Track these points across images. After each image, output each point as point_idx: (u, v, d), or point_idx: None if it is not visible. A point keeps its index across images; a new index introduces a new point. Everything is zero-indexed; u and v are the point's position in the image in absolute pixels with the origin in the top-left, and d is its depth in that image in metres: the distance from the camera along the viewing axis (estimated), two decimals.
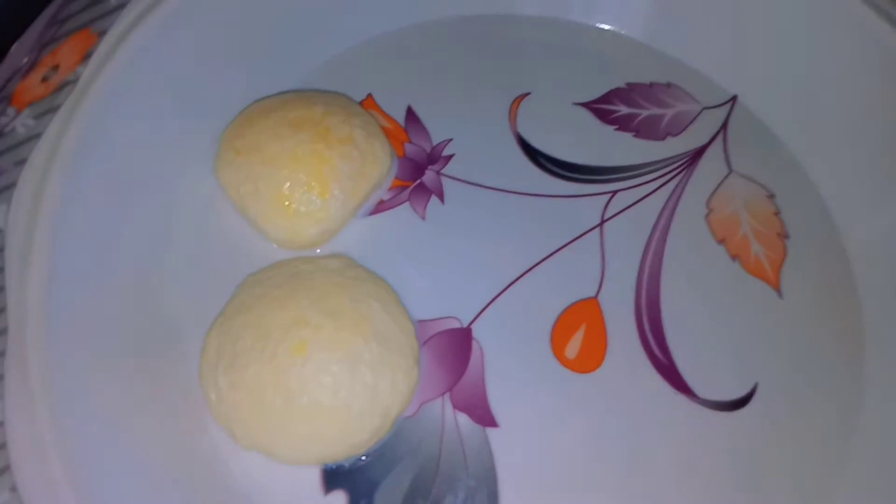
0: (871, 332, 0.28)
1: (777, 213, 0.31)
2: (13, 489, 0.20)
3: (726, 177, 0.32)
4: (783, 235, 0.31)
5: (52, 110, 0.25)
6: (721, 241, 0.30)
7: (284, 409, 0.23)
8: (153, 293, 0.26)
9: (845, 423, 0.27)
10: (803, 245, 0.30)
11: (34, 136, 0.24)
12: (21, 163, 0.24)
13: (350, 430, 0.24)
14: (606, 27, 0.36)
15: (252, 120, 0.28)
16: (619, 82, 0.34)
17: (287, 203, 0.27)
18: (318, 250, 0.29)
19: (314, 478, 0.25)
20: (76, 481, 0.21)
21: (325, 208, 0.27)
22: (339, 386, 0.23)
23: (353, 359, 0.24)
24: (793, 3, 0.32)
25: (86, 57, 0.26)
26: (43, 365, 0.21)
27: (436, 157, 0.32)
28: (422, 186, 0.31)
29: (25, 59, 0.25)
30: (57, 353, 0.22)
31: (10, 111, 0.24)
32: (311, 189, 0.27)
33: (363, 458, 0.25)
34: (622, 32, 0.35)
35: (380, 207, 0.30)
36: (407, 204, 0.31)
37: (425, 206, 0.31)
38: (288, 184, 0.27)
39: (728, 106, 0.34)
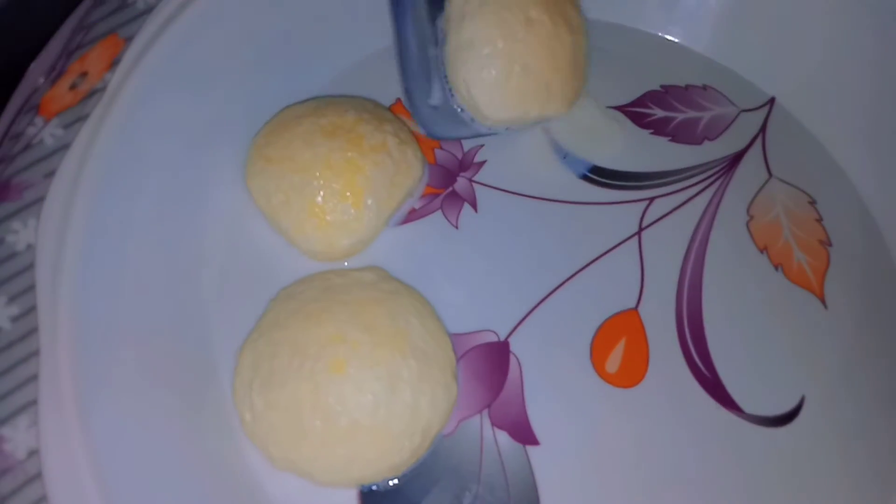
0: None
1: (819, 220, 0.30)
2: None
3: (766, 182, 0.31)
4: (826, 243, 0.30)
5: (82, 119, 0.24)
6: (763, 250, 0.29)
7: (323, 431, 0.22)
8: (185, 307, 0.26)
9: None
10: (847, 253, 0.30)
11: (63, 147, 0.23)
12: (50, 175, 0.23)
13: (389, 451, 0.23)
14: (640, 28, 0.35)
15: (283, 127, 0.27)
16: (653, 85, 0.33)
17: (320, 213, 0.26)
18: (346, 263, 0.28)
19: (351, 500, 0.24)
20: None
21: (358, 218, 0.26)
22: (378, 405, 0.23)
23: (392, 376, 0.23)
24: (832, 3, 0.31)
25: (114, 63, 0.25)
26: (76, 389, 0.21)
27: (467, 164, 0.31)
28: (454, 194, 0.30)
29: (52, 66, 0.25)
30: (90, 376, 0.21)
31: (38, 121, 0.24)
32: (345, 199, 0.26)
33: (400, 478, 0.24)
34: (656, 33, 0.35)
35: (411, 216, 0.30)
36: (439, 212, 0.30)
37: (458, 214, 0.30)
38: (321, 193, 0.26)
39: (766, 108, 0.33)
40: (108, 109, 0.24)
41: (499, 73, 0.27)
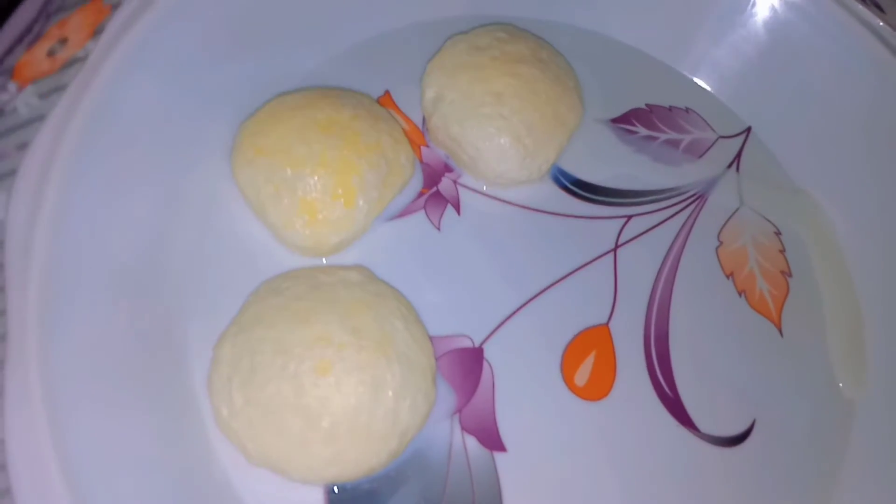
0: (870, 371, 0.29)
1: (782, 251, 0.32)
2: None
3: (737, 210, 0.32)
4: (786, 273, 0.31)
5: (59, 89, 0.22)
6: (729, 276, 0.31)
7: (304, 431, 0.22)
8: (159, 293, 0.25)
9: (834, 465, 0.28)
10: (805, 284, 0.31)
11: (38, 118, 0.22)
12: (23, 147, 0.22)
13: (368, 454, 0.23)
14: (630, 44, 0.35)
15: (275, 118, 0.26)
16: (639, 103, 0.34)
17: (311, 210, 0.25)
18: (325, 260, 0.27)
19: (319, 498, 0.24)
20: (77, 501, 0.20)
21: (349, 217, 0.26)
22: (361, 409, 0.23)
23: (376, 381, 0.23)
24: (820, 42, 0.32)
25: (97, 32, 0.23)
26: (44, 377, 0.20)
27: (453, 165, 0.31)
28: (438, 195, 0.30)
29: (28, 28, 0.23)
30: (58, 364, 0.20)
31: (11, 87, 0.22)
32: (337, 197, 0.25)
33: (373, 479, 0.25)
34: (645, 51, 0.35)
35: (395, 213, 0.29)
36: (422, 212, 0.30)
37: (441, 216, 0.30)
38: (314, 190, 0.25)
39: (742, 137, 0.34)
40: (89, 82, 0.23)
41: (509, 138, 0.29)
